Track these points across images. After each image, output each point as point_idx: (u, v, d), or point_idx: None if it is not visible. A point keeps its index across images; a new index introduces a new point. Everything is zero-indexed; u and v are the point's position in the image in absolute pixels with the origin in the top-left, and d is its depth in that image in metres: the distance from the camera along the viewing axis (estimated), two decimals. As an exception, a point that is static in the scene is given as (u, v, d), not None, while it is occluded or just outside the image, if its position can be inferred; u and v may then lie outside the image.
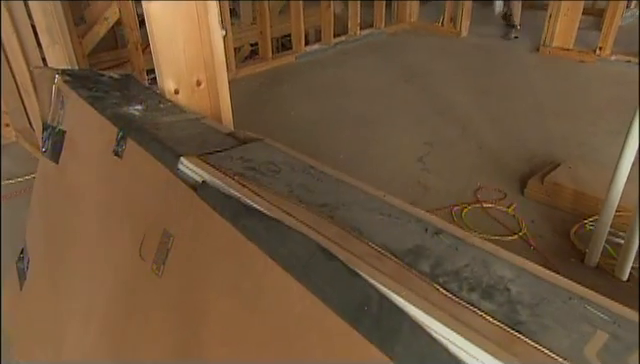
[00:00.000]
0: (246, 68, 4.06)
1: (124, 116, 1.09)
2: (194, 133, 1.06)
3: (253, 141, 1.05)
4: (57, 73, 1.29)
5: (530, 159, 2.64)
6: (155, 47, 1.26)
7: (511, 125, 3.03)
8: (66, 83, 1.25)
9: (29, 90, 2.48)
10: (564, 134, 2.89)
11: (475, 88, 3.61)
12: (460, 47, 4.51)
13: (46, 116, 1.29)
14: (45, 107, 1.29)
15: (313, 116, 3.23)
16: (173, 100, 1.31)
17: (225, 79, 1.40)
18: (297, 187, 0.86)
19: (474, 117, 3.15)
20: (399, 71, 3.93)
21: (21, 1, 2.34)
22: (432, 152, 2.76)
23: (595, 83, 3.61)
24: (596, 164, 2.45)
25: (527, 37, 4.57)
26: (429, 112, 3.25)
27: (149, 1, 1.21)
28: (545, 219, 2.18)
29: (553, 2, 4.00)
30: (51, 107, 1.27)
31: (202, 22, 1.30)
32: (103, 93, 1.21)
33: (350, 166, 2.63)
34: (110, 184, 1.08)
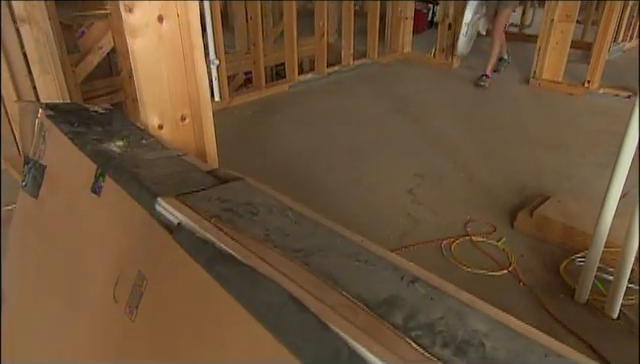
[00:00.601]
0: (239, 96, 4.09)
1: (104, 153, 1.08)
2: (174, 171, 1.05)
3: (233, 180, 1.04)
4: (40, 107, 1.28)
5: (520, 191, 2.64)
6: (139, 83, 1.26)
7: (502, 157, 3.04)
8: (49, 118, 1.24)
9: (18, 119, 2.47)
10: (554, 166, 2.91)
11: (466, 119, 3.64)
12: (452, 78, 4.57)
13: (27, 150, 1.28)
14: (26, 141, 1.28)
15: (304, 146, 3.24)
16: (156, 135, 1.31)
17: (210, 114, 1.40)
18: (274, 231, 0.85)
19: (465, 148, 3.16)
20: (391, 101, 3.97)
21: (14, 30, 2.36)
22: (423, 184, 2.75)
23: (584, 116, 3.65)
24: (585, 197, 2.45)
25: (517, 69, 4.64)
26: (420, 143, 3.26)
27: (134, 38, 1.21)
28: (535, 253, 2.17)
29: (542, 34, 4.07)
30: (33, 141, 1.26)
31: (187, 58, 1.31)
32: (85, 128, 1.20)
33: (340, 197, 2.62)
34: (87, 222, 1.06)
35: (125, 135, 1.20)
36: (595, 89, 3.93)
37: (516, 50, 5.33)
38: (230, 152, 3.17)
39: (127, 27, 1.20)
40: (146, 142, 1.18)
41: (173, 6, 1.25)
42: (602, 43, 3.79)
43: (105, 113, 1.33)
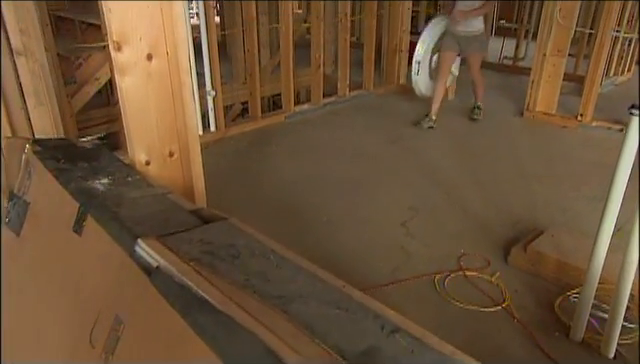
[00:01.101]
0: (235, 127, 4.10)
1: (87, 191, 1.07)
2: (157, 210, 1.04)
3: (217, 220, 1.03)
4: (27, 143, 1.28)
5: (514, 225, 2.63)
6: (127, 120, 1.26)
7: (495, 189, 3.04)
8: (35, 154, 1.24)
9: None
10: (548, 199, 2.90)
11: (460, 151, 3.65)
12: (446, 110, 4.60)
13: (13, 186, 1.27)
14: (12, 177, 1.27)
15: (299, 176, 3.24)
16: (143, 171, 1.30)
17: (198, 150, 1.39)
18: (254, 275, 0.83)
19: (459, 181, 3.16)
20: (386, 132, 3.99)
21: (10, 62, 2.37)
22: (416, 217, 2.74)
23: (577, 148, 3.67)
24: (579, 232, 2.43)
25: (511, 101, 4.69)
26: (414, 175, 3.26)
27: (122, 76, 1.22)
28: (529, 289, 2.14)
29: (535, 68, 4.13)
30: (18, 177, 1.25)
31: (176, 95, 1.32)
32: (71, 165, 1.19)
33: (334, 229, 2.61)
34: (68, 262, 1.04)
35: (111, 172, 1.19)
36: (588, 122, 3.96)
37: (510, 82, 5.40)
38: (225, 183, 3.17)
39: (116, 65, 1.21)
40: (131, 179, 1.17)
41: (163, 44, 1.26)
42: (594, 77, 3.85)
43: (93, 149, 1.33)
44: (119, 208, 1.00)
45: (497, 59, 6.08)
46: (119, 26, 1.18)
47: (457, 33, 3.91)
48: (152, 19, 1.23)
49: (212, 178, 3.14)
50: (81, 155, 1.26)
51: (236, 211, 2.76)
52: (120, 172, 1.20)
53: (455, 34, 3.92)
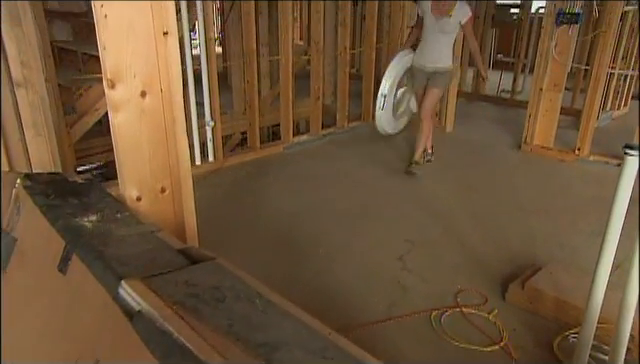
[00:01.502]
0: (234, 157, 4.12)
1: (75, 229, 1.06)
2: (144, 250, 1.03)
3: (205, 260, 1.01)
4: (19, 177, 1.27)
5: (512, 260, 2.60)
6: (119, 156, 1.26)
7: (493, 223, 3.02)
8: (25, 189, 1.23)
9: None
10: (545, 234, 2.88)
11: (458, 183, 3.65)
12: (445, 142, 4.63)
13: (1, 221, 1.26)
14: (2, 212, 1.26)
15: (296, 208, 3.22)
16: (134, 207, 1.29)
17: (190, 186, 1.39)
18: (239, 320, 0.81)
19: (456, 213, 3.14)
20: (384, 164, 4.00)
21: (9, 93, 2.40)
22: (413, 250, 2.71)
23: (575, 182, 3.66)
24: (577, 268, 2.40)
25: (509, 134, 4.72)
26: (412, 207, 3.25)
27: (115, 113, 1.22)
28: (527, 328, 2.10)
29: (532, 102, 4.16)
30: (7, 212, 1.24)
31: (169, 131, 1.32)
32: (60, 200, 1.19)
33: (330, 262, 2.58)
34: (51, 301, 1.02)
35: (100, 208, 1.18)
36: (585, 156, 3.98)
37: (508, 115, 5.45)
38: (221, 213, 3.16)
39: (109, 102, 1.21)
40: (121, 216, 1.16)
41: (157, 81, 1.28)
42: (590, 111, 3.88)
43: (84, 184, 1.32)
44: (105, 247, 0.99)
45: (495, 92, 6.14)
46: (113, 64, 1.19)
47: (426, 69, 3.60)
48: (147, 57, 1.24)
49: (209, 209, 3.16)
50: (72, 190, 1.26)
51: (232, 242, 2.77)
52: (110, 209, 1.19)
53: (424, 70, 3.62)
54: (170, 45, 1.26)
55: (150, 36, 1.23)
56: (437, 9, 3.41)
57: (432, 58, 3.55)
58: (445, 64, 3.56)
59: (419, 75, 3.68)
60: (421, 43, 3.60)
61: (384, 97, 3.87)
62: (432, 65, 3.56)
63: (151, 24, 1.23)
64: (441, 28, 3.42)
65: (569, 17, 3.74)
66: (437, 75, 3.58)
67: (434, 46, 3.52)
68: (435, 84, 3.61)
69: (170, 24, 1.25)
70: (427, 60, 3.57)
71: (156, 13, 1.23)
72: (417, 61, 3.66)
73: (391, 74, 3.80)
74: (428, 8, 3.44)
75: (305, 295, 2.30)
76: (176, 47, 1.27)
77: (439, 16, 3.39)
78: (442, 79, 3.61)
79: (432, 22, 3.43)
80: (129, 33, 1.20)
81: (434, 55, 3.54)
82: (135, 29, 1.20)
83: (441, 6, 3.39)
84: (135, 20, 1.20)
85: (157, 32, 1.24)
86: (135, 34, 1.20)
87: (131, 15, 1.19)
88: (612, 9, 3.66)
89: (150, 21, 1.22)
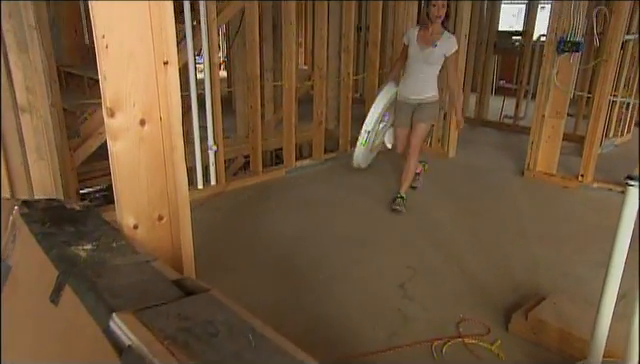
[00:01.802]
0: (237, 181, 4.12)
1: (68, 258, 1.05)
2: (138, 280, 1.01)
3: (199, 292, 1.00)
4: (16, 204, 1.27)
5: (515, 289, 2.56)
6: (116, 184, 1.26)
7: (495, 250, 2.98)
8: (22, 216, 1.22)
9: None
10: (549, 262, 2.84)
11: (460, 210, 3.62)
12: (447, 168, 4.63)
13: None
14: None
15: (297, 233, 3.21)
16: (131, 235, 1.29)
17: (188, 214, 1.38)
18: (230, 356, 0.79)
19: (458, 240, 3.12)
20: (386, 190, 3.98)
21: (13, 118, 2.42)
22: (414, 278, 2.68)
23: (579, 210, 3.63)
24: (582, 299, 2.36)
25: (512, 160, 4.71)
26: (413, 233, 3.22)
27: (114, 141, 1.23)
28: (531, 360, 2.05)
29: (534, 128, 4.17)
30: (3, 240, 1.23)
31: (167, 159, 1.32)
32: (56, 228, 1.18)
33: (330, 289, 2.55)
34: (42, 332, 1.00)
35: (96, 237, 1.18)
36: (589, 183, 3.95)
37: (511, 141, 5.45)
38: (223, 237, 3.15)
39: (108, 130, 1.22)
40: (116, 245, 1.16)
41: (157, 110, 1.28)
42: (593, 138, 3.88)
43: (81, 211, 1.32)
44: (99, 278, 0.98)
45: (498, 118, 6.17)
46: (113, 93, 1.20)
47: (410, 101, 3.46)
48: (147, 86, 1.25)
49: (210, 233, 3.15)
50: (68, 218, 1.25)
51: (232, 267, 2.75)
52: (106, 237, 1.19)
53: (407, 102, 3.48)
54: (170, 74, 1.27)
55: (150, 65, 1.24)
56: (423, 38, 3.31)
57: (416, 90, 3.42)
58: (430, 95, 3.42)
59: (404, 108, 3.53)
60: (405, 74, 3.50)
61: (368, 133, 3.71)
62: (416, 97, 3.43)
63: (152, 53, 1.24)
64: (425, 58, 3.30)
65: (570, 46, 3.77)
66: (422, 107, 3.44)
67: (418, 77, 3.39)
68: (421, 118, 3.45)
69: (170, 53, 1.26)
70: (411, 91, 3.44)
71: (157, 43, 1.24)
72: (401, 93, 3.53)
73: (377, 109, 3.66)
74: (414, 37, 3.35)
75: (305, 323, 2.27)
76: (176, 76, 1.28)
77: (424, 46, 3.29)
78: (428, 111, 3.46)
79: (417, 52, 3.32)
80: (130, 62, 1.21)
81: (418, 86, 3.41)
82: (136, 58, 1.22)
83: (428, 35, 3.29)
84: (136, 50, 1.21)
85: (157, 61, 1.25)
86: (135, 63, 1.22)
87: (132, 45, 1.21)
88: (613, 38, 3.69)
89: (151, 50, 1.24)
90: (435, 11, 3.21)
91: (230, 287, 2.49)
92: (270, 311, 2.35)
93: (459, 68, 3.93)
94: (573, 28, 3.75)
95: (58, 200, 1.40)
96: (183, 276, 1.06)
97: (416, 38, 3.33)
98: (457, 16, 4.50)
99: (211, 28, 3.54)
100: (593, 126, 3.87)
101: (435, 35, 3.27)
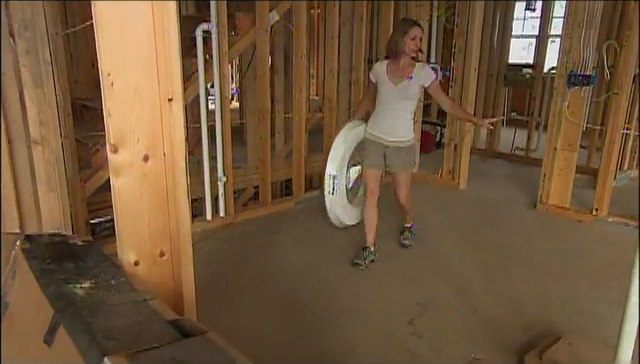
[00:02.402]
0: (245, 212, 4.12)
1: (65, 296, 1.03)
2: (134, 321, 0.99)
3: (196, 333, 0.97)
4: (18, 239, 1.27)
5: (528, 328, 2.48)
6: (118, 220, 1.25)
7: (507, 287, 2.91)
8: (24, 251, 1.22)
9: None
10: (563, 300, 2.76)
11: (471, 243, 3.56)
12: (458, 200, 4.58)
13: (-2, 284, 1.24)
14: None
15: (304, 266, 3.17)
16: (131, 272, 1.27)
17: (190, 251, 1.37)
18: (222, 405, 0.76)
19: (469, 275, 3.05)
20: (395, 221, 3.93)
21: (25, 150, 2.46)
22: (424, 314, 2.61)
23: (594, 244, 3.55)
24: (598, 339, 2.28)
25: (524, 193, 4.65)
26: (423, 267, 3.16)
27: (117, 177, 1.23)
28: (545, 404, 1.96)
29: (546, 161, 4.12)
30: (4, 275, 1.23)
31: (170, 195, 1.32)
32: (56, 265, 1.17)
33: (336, 324, 2.49)
34: (35, 374, 0.98)
35: (95, 273, 1.16)
36: (604, 217, 3.87)
37: (522, 173, 5.39)
38: (229, 269, 3.12)
39: (111, 166, 1.22)
40: (115, 283, 1.14)
41: (160, 146, 1.29)
42: (607, 172, 3.82)
43: (83, 246, 1.32)
44: (94, 318, 0.96)
45: (509, 149, 6.13)
46: (117, 129, 1.21)
47: (383, 141, 3.06)
48: (151, 122, 1.26)
49: (217, 265, 3.13)
50: (69, 254, 1.25)
51: (238, 301, 2.71)
52: (105, 274, 1.17)
53: (381, 142, 3.07)
54: (174, 111, 1.28)
55: (155, 102, 1.25)
56: (394, 72, 2.99)
57: (391, 129, 3.03)
58: (407, 138, 3.06)
59: (375, 148, 3.10)
60: (376, 111, 3.11)
61: (333, 178, 3.25)
62: (391, 137, 3.03)
63: (157, 90, 1.25)
64: (400, 93, 2.97)
65: (581, 79, 3.75)
66: (400, 152, 3.05)
67: (392, 114, 3.01)
68: (401, 167, 3.10)
69: (175, 90, 1.27)
70: (384, 131, 3.04)
71: (162, 80, 1.25)
72: (372, 131, 3.10)
73: (339, 150, 3.23)
74: (384, 72, 3.02)
75: (309, 360, 2.22)
76: (180, 113, 1.29)
77: (397, 80, 2.97)
78: (407, 157, 3.09)
79: (389, 87, 2.98)
80: (134, 99, 1.22)
81: (393, 124, 3.03)
82: (141, 95, 1.23)
83: (400, 69, 2.99)
84: (141, 87, 1.23)
85: (162, 98, 1.26)
86: (140, 100, 1.23)
87: (137, 82, 1.22)
88: (624, 72, 3.68)
89: (156, 87, 1.25)
90: (413, 45, 2.95)
91: (234, 322, 2.46)
92: (274, 347, 2.30)
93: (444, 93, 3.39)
94: (583, 62, 3.74)
95: (61, 235, 1.40)
96: (180, 317, 1.04)
97: (386, 72, 3.02)
98: (467, 49, 4.54)
99: (223, 62, 3.61)
100: (606, 160, 3.82)
101: (407, 68, 2.99)
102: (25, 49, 2.40)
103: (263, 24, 3.76)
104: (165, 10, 1.22)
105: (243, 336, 2.36)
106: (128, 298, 1.08)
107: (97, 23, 1.15)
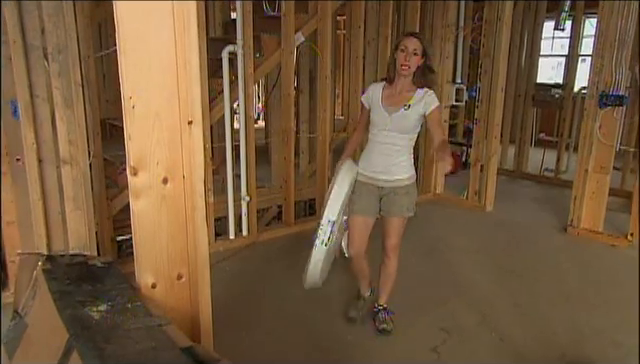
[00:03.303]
0: (268, 232, 4.11)
1: (81, 320, 1.03)
2: (147, 347, 0.98)
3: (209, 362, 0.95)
4: (40, 259, 1.28)
5: (559, 359, 2.37)
6: (136, 242, 1.26)
7: (536, 314, 2.80)
8: (44, 272, 1.23)
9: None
10: (597, 330, 2.63)
11: (498, 267, 3.45)
12: (484, 222, 4.47)
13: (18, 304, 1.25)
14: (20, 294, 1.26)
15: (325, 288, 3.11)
16: (148, 295, 1.27)
17: (207, 274, 1.36)
18: None
19: (496, 301, 2.95)
20: (419, 243, 3.86)
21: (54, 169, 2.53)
22: (448, 341, 2.53)
23: (629, 271, 3.39)
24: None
25: (554, 216, 4.51)
26: (448, 292, 3.08)
27: (136, 199, 1.24)
28: None
29: (577, 183, 3.99)
30: (25, 295, 1.24)
31: (189, 218, 1.31)
32: (75, 286, 1.18)
33: (358, 350, 2.44)
34: (48, 398, 0.98)
35: (112, 296, 1.16)
36: (639, 242, 3.71)
37: (552, 195, 5.25)
38: (250, 289, 3.11)
39: (131, 189, 1.23)
40: (131, 306, 1.14)
41: (180, 168, 1.29)
42: (642, 195, 3.67)
43: (103, 267, 1.32)
44: (107, 343, 0.95)
45: (538, 171, 5.98)
46: (137, 151, 1.22)
47: (377, 182, 2.48)
48: (171, 145, 1.26)
49: (237, 285, 3.12)
50: (88, 275, 1.25)
51: (257, 324, 2.68)
52: (122, 297, 1.17)
53: (374, 183, 2.48)
54: (194, 134, 1.29)
55: (175, 125, 1.26)
56: (390, 98, 2.44)
57: (385, 167, 2.44)
58: (405, 176, 2.47)
59: (367, 191, 2.50)
60: (368, 145, 2.53)
61: (332, 225, 2.44)
62: (387, 177, 2.45)
63: (177, 114, 1.26)
64: (395, 124, 2.39)
65: (613, 99, 3.65)
66: (397, 195, 2.46)
67: (386, 149, 2.43)
68: (397, 211, 2.48)
69: (195, 113, 1.28)
70: (378, 169, 2.46)
71: (182, 103, 1.26)
72: (363, 171, 2.51)
73: (342, 189, 2.45)
74: (378, 97, 2.47)
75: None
76: (200, 135, 1.29)
77: (391, 108, 2.41)
78: (406, 200, 2.48)
79: (383, 117, 2.42)
80: (155, 123, 1.23)
81: (388, 162, 2.44)
82: (161, 118, 1.24)
83: (396, 94, 2.44)
84: (162, 110, 1.24)
85: (182, 121, 1.27)
86: (160, 123, 1.24)
87: (158, 105, 1.23)
88: (658, 92, 3.56)
89: (176, 111, 1.26)
90: (402, 59, 2.34)
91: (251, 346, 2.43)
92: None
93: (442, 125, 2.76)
94: (615, 82, 3.64)
95: (82, 255, 1.41)
96: (194, 344, 1.02)
97: (381, 98, 2.46)
98: (493, 69, 4.48)
99: (248, 82, 3.65)
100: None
101: (405, 93, 2.42)
102: (58, 71, 2.49)
103: (288, 45, 3.80)
104: (187, 36, 1.23)
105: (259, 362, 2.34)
106: (143, 323, 1.07)
107: (121, 48, 1.17)
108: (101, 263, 1.35)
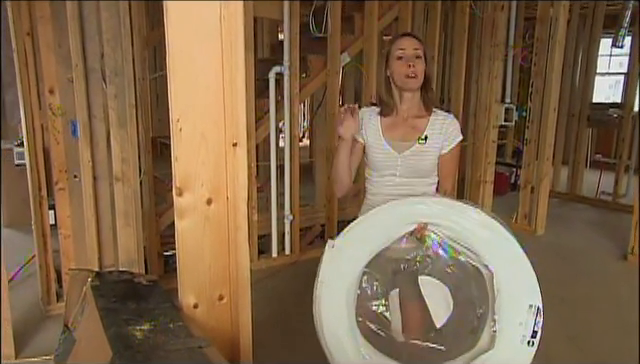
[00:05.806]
0: (311, 251, 4.10)
1: (125, 339, 1.05)
2: (186, 369, 0.98)
3: (246, 387, 0.94)
4: (90, 276, 1.33)
5: (618, 398, 2.21)
6: (180, 262, 1.27)
7: (594, 347, 2.63)
8: (93, 288, 1.27)
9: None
10: (661, 368, 2.44)
11: (550, 296, 3.22)
12: (535, 247, 4.24)
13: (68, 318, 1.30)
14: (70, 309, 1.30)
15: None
16: (190, 315, 1.28)
17: (248, 295, 1.36)
18: None
19: (549, 333, 2.76)
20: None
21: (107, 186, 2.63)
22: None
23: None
24: None
25: (612, 242, 4.25)
26: (496, 320, 2.94)
27: (181, 219, 1.26)
28: None
29: (638, 209, 3.76)
30: (75, 310, 1.28)
31: (231, 239, 1.32)
32: (120, 304, 1.21)
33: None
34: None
35: (155, 315, 1.18)
36: None
37: (609, 220, 4.97)
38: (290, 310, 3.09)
39: (176, 209, 1.25)
40: (173, 326, 1.15)
41: (224, 189, 1.31)
42: None
43: (148, 286, 1.35)
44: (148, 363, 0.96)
45: (594, 194, 5.69)
46: (183, 173, 1.25)
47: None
48: (216, 166, 1.28)
49: (278, 304, 3.12)
50: (133, 293, 1.28)
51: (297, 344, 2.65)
52: (165, 316, 1.19)
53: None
54: (239, 155, 1.30)
55: (220, 147, 1.28)
56: (394, 129, 1.77)
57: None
58: None
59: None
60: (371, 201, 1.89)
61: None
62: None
63: (222, 136, 1.28)
64: (411, 167, 1.74)
65: (677, 119, 3.43)
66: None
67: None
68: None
69: (240, 135, 1.30)
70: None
71: (228, 125, 1.28)
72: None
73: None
74: (377, 127, 1.78)
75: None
76: (244, 157, 1.31)
77: (402, 143, 1.75)
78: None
79: (389, 157, 1.75)
80: (201, 144, 1.26)
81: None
82: (207, 140, 1.26)
83: (402, 122, 1.77)
84: (207, 132, 1.26)
85: (227, 143, 1.29)
86: (206, 145, 1.26)
87: (204, 127, 1.26)
88: None
89: (222, 133, 1.28)
90: (404, 68, 1.69)
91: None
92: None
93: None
94: (680, 101, 3.43)
95: (129, 272, 1.45)
96: None
97: (381, 130, 1.78)
98: (545, 89, 4.33)
99: (294, 102, 3.70)
100: None
101: (415, 120, 1.76)
102: (114, 93, 2.61)
103: (334, 65, 3.84)
104: (234, 60, 1.26)
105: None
106: (183, 344, 1.08)
107: (170, 69, 1.21)
108: (146, 281, 1.38)
